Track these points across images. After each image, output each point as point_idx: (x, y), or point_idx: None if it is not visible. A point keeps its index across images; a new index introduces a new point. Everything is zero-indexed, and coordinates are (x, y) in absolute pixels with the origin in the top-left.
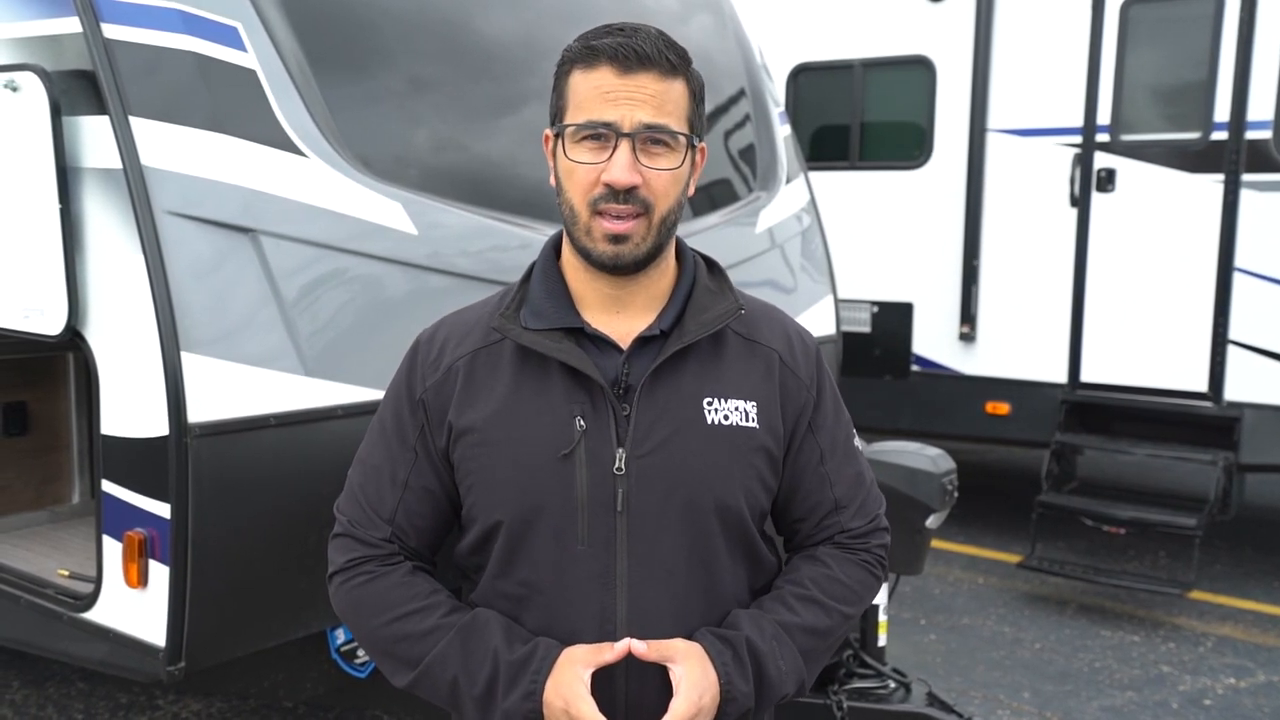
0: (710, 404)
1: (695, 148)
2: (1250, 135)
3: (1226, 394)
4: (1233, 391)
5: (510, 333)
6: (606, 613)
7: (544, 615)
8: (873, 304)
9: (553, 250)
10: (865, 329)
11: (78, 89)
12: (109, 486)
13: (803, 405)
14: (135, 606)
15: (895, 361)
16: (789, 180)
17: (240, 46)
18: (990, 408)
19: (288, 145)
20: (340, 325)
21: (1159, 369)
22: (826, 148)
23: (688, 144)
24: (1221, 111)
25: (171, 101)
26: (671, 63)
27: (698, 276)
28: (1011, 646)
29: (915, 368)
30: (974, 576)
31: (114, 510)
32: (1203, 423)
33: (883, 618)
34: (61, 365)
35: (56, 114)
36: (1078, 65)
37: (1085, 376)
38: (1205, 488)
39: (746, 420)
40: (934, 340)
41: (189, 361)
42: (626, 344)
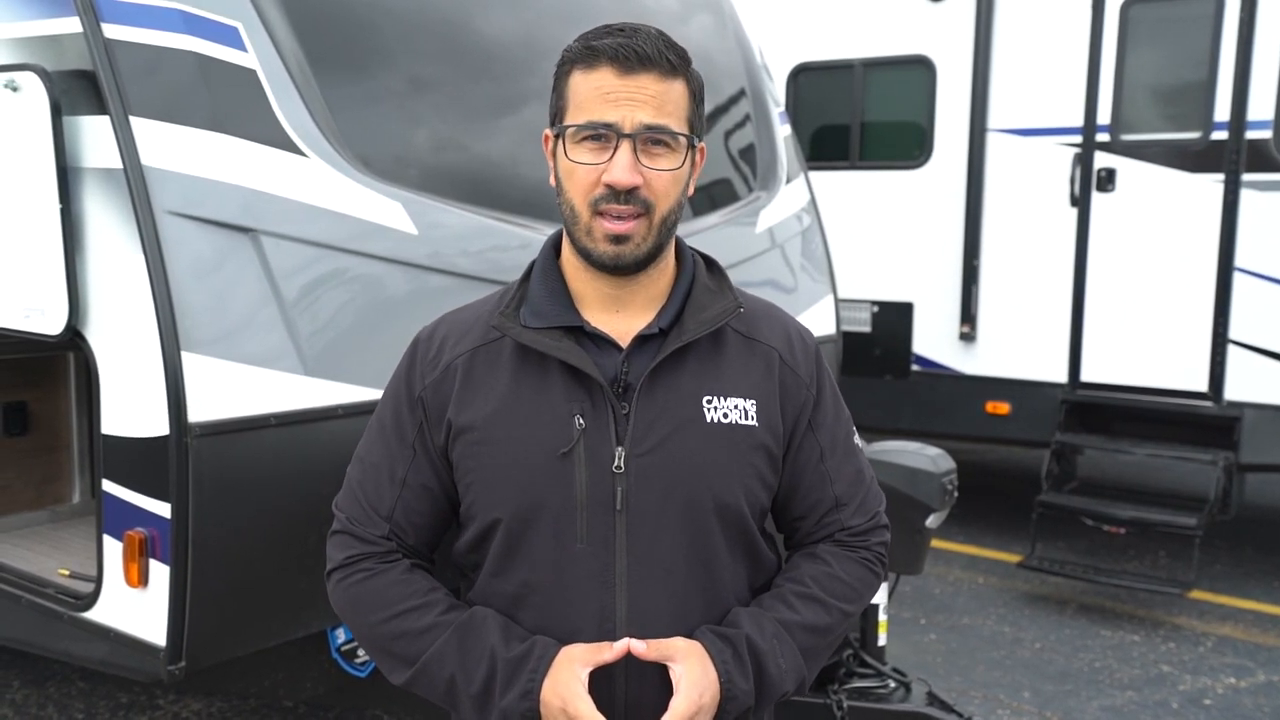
0: (710, 402)
1: (695, 148)
2: (1250, 135)
3: (1227, 394)
4: (1233, 391)
5: (510, 331)
6: (605, 612)
7: (542, 614)
8: (873, 304)
9: (552, 249)
10: (865, 329)
11: (78, 89)
12: (109, 486)
13: (802, 403)
14: (136, 606)
15: (895, 361)
16: (789, 180)
17: (240, 46)
18: (990, 407)
19: (288, 145)
20: (340, 325)
21: (1159, 369)
22: (826, 147)
23: (688, 144)
24: (1222, 111)
25: (172, 101)
26: (672, 63)
27: (697, 275)
28: (1011, 646)
29: (915, 367)
30: (974, 576)
31: (114, 510)
32: (1203, 422)
33: (883, 617)
34: (62, 365)
35: (57, 114)
36: (1078, 65)
37: (1085, 376)
38: (1205, 487)
39: (746, 418)
40: (934, 340)
41: (189, 361)
42: (626, 343)
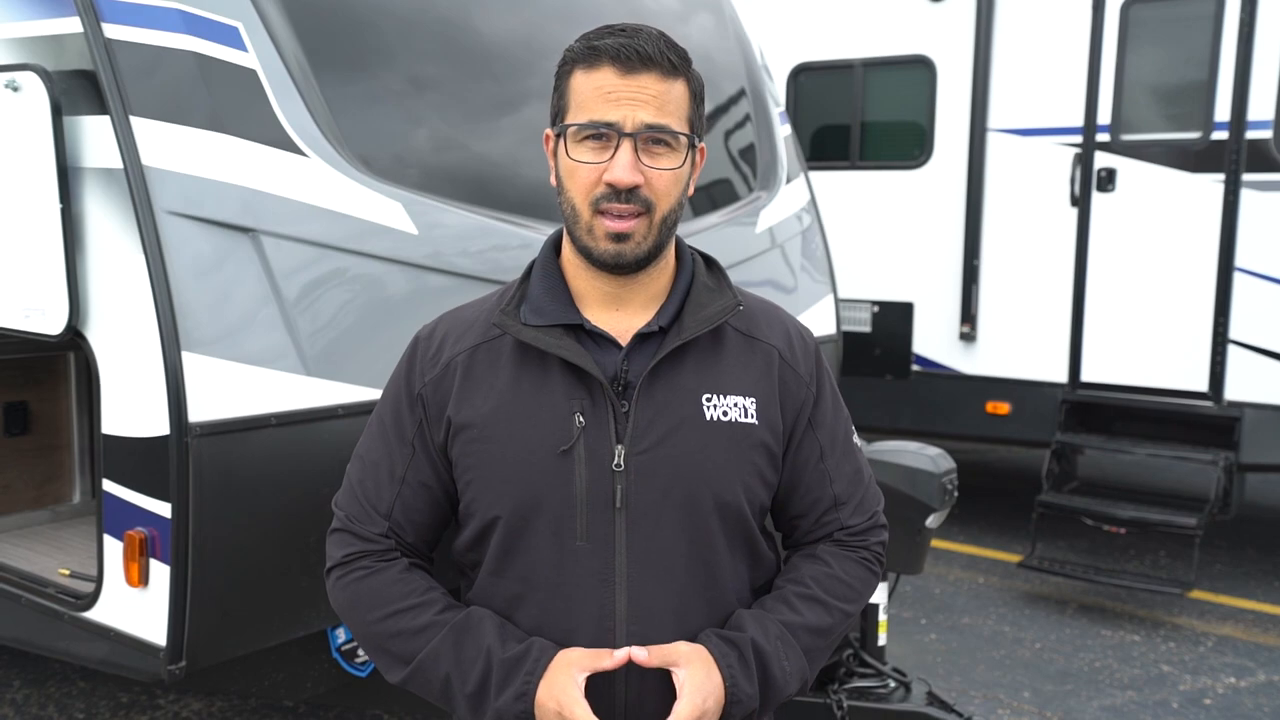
0: (709, 400)
1: (695, 148)
2: (1251, 135)
3: (1227, 394)
4: (1233, 391)
5: (510, 329)
6: (605, 610)
7: (542, 612)
8: (873, 304)
9: (552, 248)
10: (866, 329)
11: (78, 89)
12: (110, 486)
13: (802, 402)
14: (136, 606)
15: (896, 361)
16: (789, 180)
17: (241, 46)
18: (990, 407)
19: (288, 145)
20: (341, 325)
21: (1159, 369)
22: (827, 147)
23: (688, 144)
24: (1222, 111)
25: (172, 101)
26: (673, 63)
27: (696, 274)
28: (1012, 646)
29: (916, 367)
30: (974, 576)
31: (115, 509)
32: (1203, 422)
33: (883, 617)
34: (62, 365)
35: (57, 114)
36: (1078, 65)
37: (1086, 376)
38: (1206, 487)
39: (746, 416)
40: (934, 340)
41: (189, 361)
42: (626, 341)
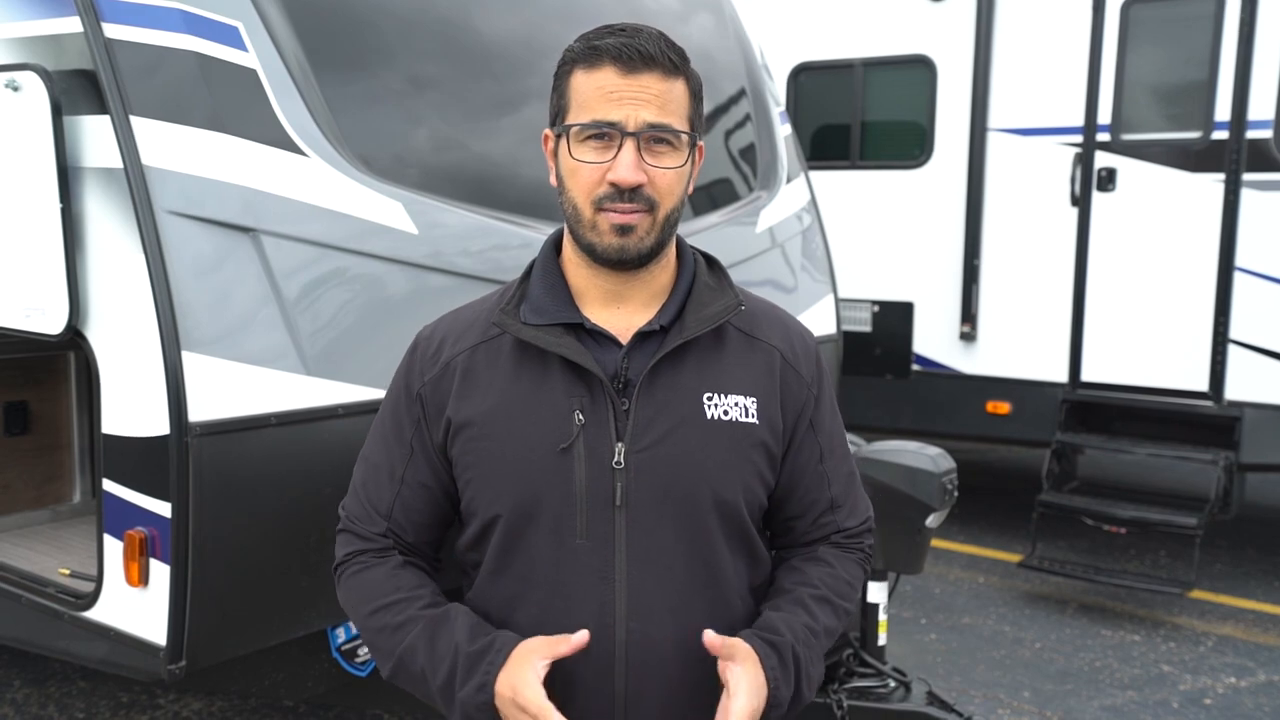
0: (710, 399)
1: (696, 146)
2: (1251, 135)
3: (1227, 393)
4: (1233, 391)
5: (510, 327)
6: (605, 607)
7: (541, 610)
8: (873, 303)
9: (553, 248)
10: (866, 328)
11: (79, 88)
12: (110, 485)
13: (803, 403)
14: (136, 605)
15: (896, 361)
16: (789, 180)
17: (241, 46)
18: (991, 407)
19: (288, 145)
20: (341, 325)
21: (1160, 368)
22: (827, 147)
23: (690, 143)
24: (1222, 111)
25: (172, 101)
26: (674, 62)
27: (698, 273)
28: (1012, 646)
29: (916, 367)
30: (974, 576)
31: (115, 509)
32: (1203, 422)
33: (883, 617)
34: (62, 364)
35: (57, 113)
36: (1078, 65)
37: (1086, 376)
38: (1206, 487)
39: (746, 416)
40: (935, 339)
41: (190, 360)
42: (626, 339)
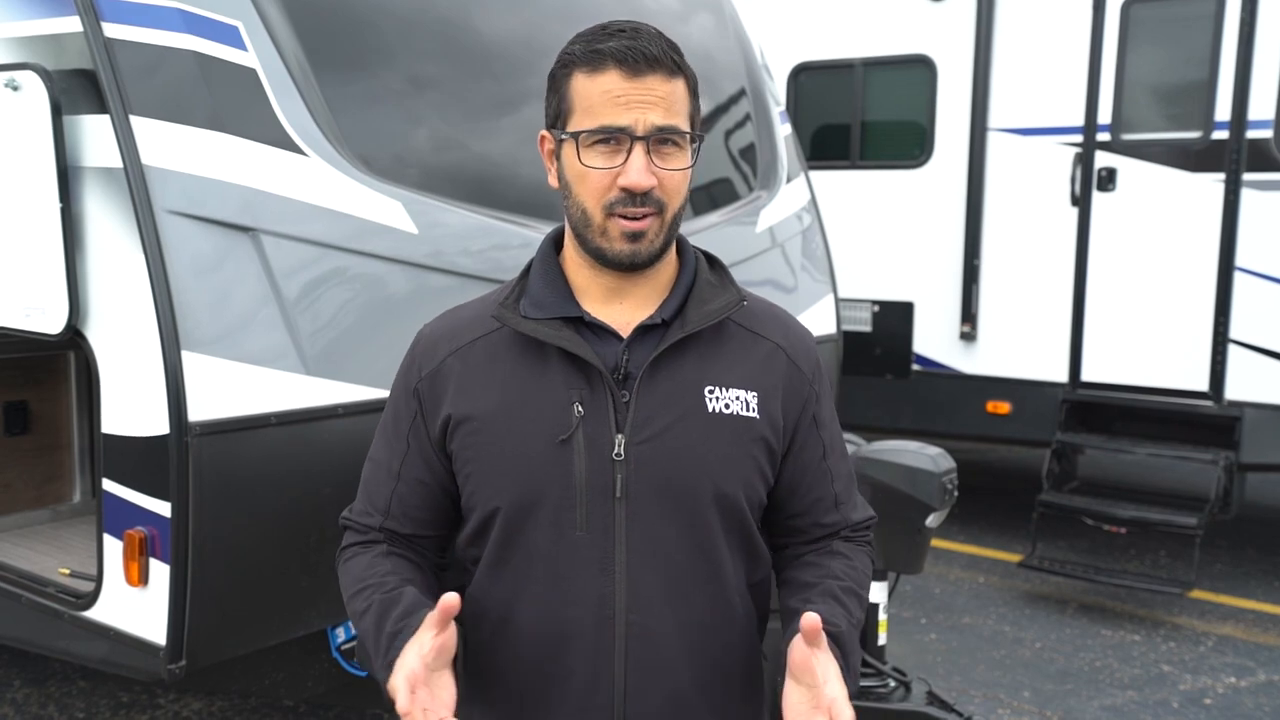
0: (711, 392)
1: (697, 144)
2: (1251, 134)
3: (1227, 393)
4: (1233, 391)
5: (509, 321)
6: (605, 599)
7: (541, 603)
8: (873, 303)
9: (552, 245)
10: (866, 328)
11: (78, 88)
12: (110, 485)
13: (805, 400)
14: (136, 605)
15: (896, 361)
16: (789, 179)
17: (241, 46)
18: (991, 407)
19: (288, 144)
20: (341, 324)
21: (1160, 368)
22: (827, 147)
23: (692, 141)
24: (1222, 111)
25: (172, 100)
26: (675, 62)
27: (699, 270)
28: (1012, 645)
29: (916, 367)
30: (974, 575)
31: (115, 509)
32: (1203, 422)
33: (883, 617)
34: (62, 364)
35: (57, 113)
36: (1079, 64)
37: (1086, 376)
38: (1206, 487)
39: (747, 410)
40: (935, 339)
41: (189, 360)
42: (626, 334)
